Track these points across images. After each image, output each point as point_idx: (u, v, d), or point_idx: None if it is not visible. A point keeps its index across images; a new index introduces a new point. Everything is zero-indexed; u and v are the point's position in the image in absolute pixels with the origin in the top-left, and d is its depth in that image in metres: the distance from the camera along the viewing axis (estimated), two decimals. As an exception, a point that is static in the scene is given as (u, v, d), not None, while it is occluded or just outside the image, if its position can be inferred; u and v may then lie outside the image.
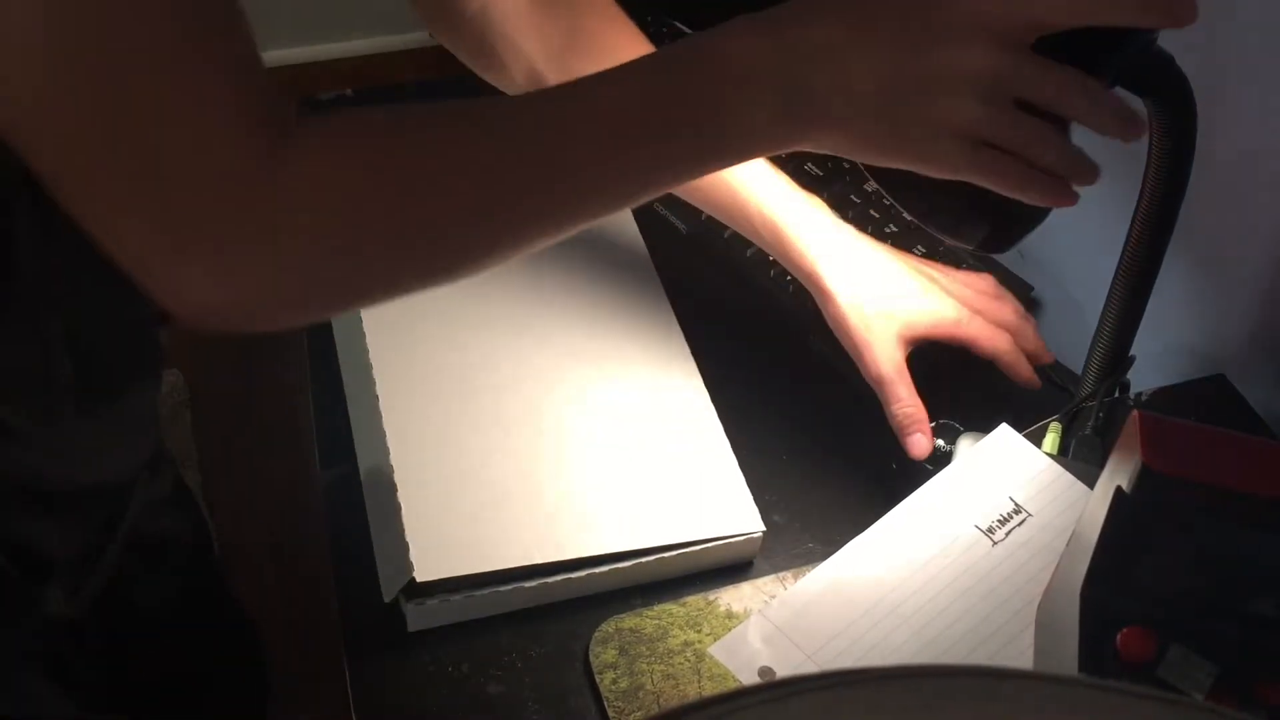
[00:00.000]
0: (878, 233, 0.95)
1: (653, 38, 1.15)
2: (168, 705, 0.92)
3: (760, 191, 0.82)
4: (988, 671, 0.33)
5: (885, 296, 0.81)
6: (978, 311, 0.83)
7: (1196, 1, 0.54)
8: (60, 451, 0.67)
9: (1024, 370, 0.83)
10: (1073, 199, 0.59)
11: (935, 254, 0.95)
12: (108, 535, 0.73)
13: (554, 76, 0.78)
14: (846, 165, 1.00)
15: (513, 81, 0.81)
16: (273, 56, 2.46)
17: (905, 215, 0.66)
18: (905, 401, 0.79)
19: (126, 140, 0.47)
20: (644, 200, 0.60)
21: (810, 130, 0.56)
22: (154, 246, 0.48)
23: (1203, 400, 0.84)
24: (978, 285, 0.86)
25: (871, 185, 0.99)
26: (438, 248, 0.54)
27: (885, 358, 0.80)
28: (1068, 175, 0.58)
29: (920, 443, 0.79)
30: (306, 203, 0.49)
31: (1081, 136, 0.59)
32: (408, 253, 0.53)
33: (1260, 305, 0.84)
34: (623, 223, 0.95)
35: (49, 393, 0.65)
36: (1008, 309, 0.85)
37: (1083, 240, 0.92)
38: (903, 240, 0.95)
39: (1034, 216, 0.63)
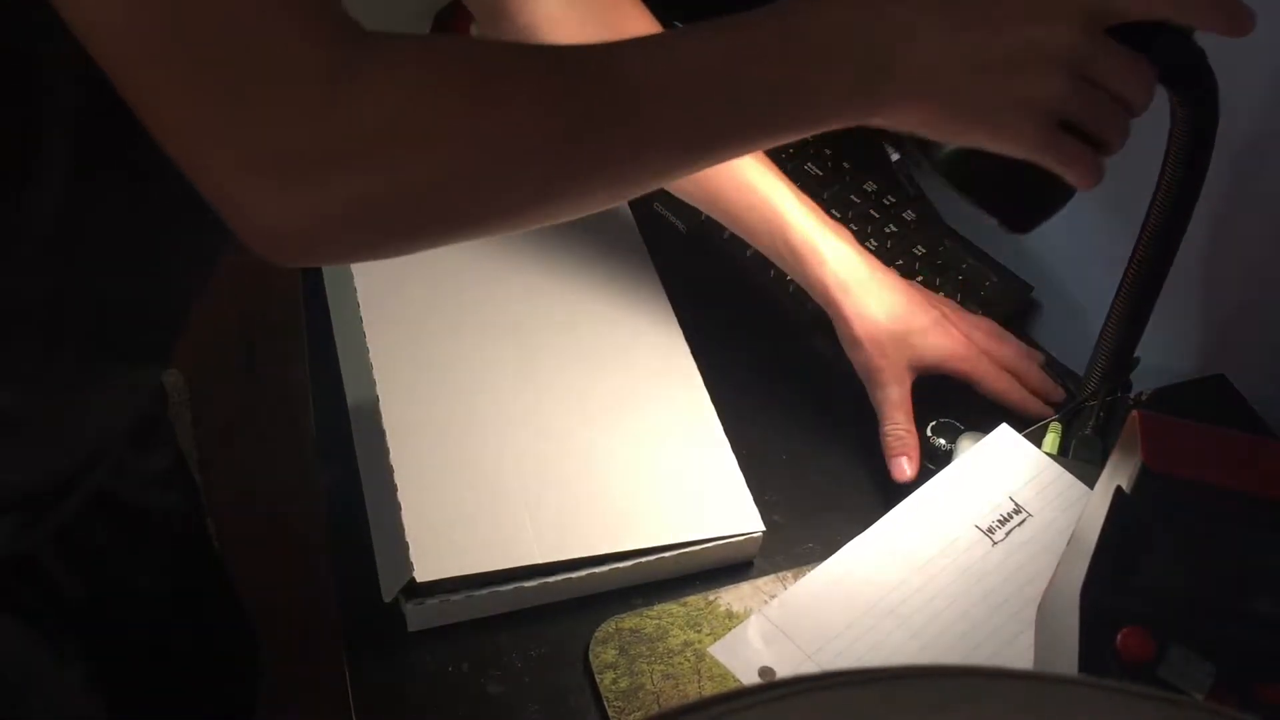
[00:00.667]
0: (878, 232, 0.95)
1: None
2: (156, 682, 0.93)
3: (783, 214, 0.83)
4: (988, 672, 0.33)
5: (901, 327, 0.82)
6: (985, 351, 0.85)
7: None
8: (44, 391, 0.67)
9: (1032, 407, 0.85)
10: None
11: (935, 254, 0.95)
12: (66, 485, 0.73)
13: None
14: (846, 165, 1.01)
15: None
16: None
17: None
18: (900, 425, 0.81)
19: (195, 48, 0.46)
20: (706, 166, 0.59)
21: (887, 104, 0.56)
22: (220, 159, 0.47)
23: (1203, 400, 0.84)
24: (981, 326, 0.87)
25: (871, 185, 0.99)
26: (498, 192, 0.52)
27: (893, 383, 0.82)
28: (1109, 153, 0.59)
29: (903, 467, 0.81)
30: (374, 119, 0.47)
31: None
32: (465, 189, 0.51)
33: (1260, 305, 0.84)
34: (623, 223, 0.95)
35: (52, 337, 0.65)
36: (1010, 349, 0.87)
37: (1083, 240, 0.92)
38: (903, 239, 0.95)
39: (1061, 201, 0.63)
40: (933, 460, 0.81)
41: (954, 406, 0.84)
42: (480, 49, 0.53)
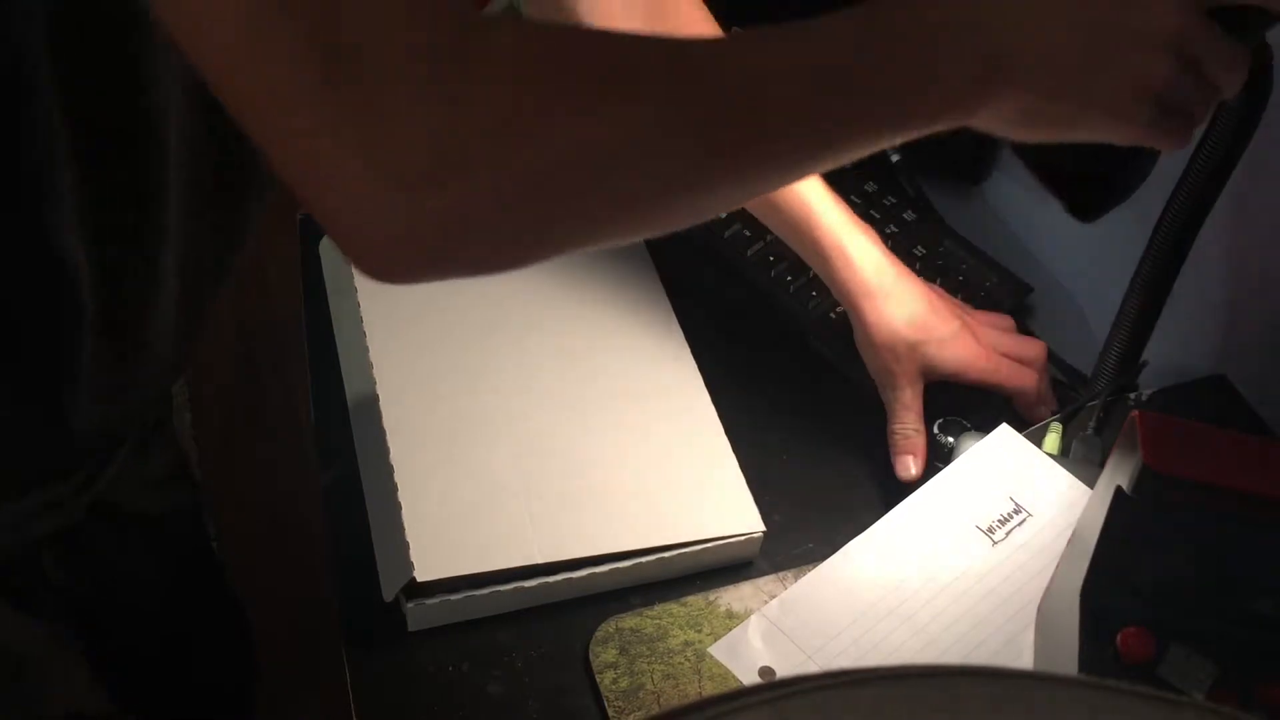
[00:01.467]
0: (879, 233, 0.95)
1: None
2: (156, 683, 0.93)
3: (814, 211, 0.83)
4: (988, 672, 0.33)
5: (920, 336, 0.82)
6: (1006, 351, 0.85)
7: None
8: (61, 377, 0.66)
9: (1039, 415, 0.85)
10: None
11: (935, 254, 0.95)
12: (79, 483, 0.73)
13: None
14: (846, 165, 1.00)
15: None
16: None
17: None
18: (909, 425, 0.81)
19: (304, 18, 0.42)
20: (819, 168, 0.57)
21: (997, 98, 0.55)
22: (330, 160, 0.43)
23: (1203, 400, 0.84)
24: (1001, 324, 0.88)
25: (871, 185, 0.99)
26: (626, 189, 0.48)
27: (905, 386, 0.82)
28: (1196, 126, 0.60)
29: (908, 465, 0.81)
30: (494, 110, 0.44)
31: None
32: (589, 184, 0.47)
33: (1261, 305, 0.84)
34: (623, 223, 0.95)
35: (65, 322, 0.64)
36: (1035, 347, 0.87)
37: (1082, 241, 0.92)
38: (903, 239, 0.95)
39: (1131, 189, 0.64)
40: (938, 457, 0.81)
41: (961, 405, 0.84)
42: (600, 38, 0.52)
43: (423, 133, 0.43)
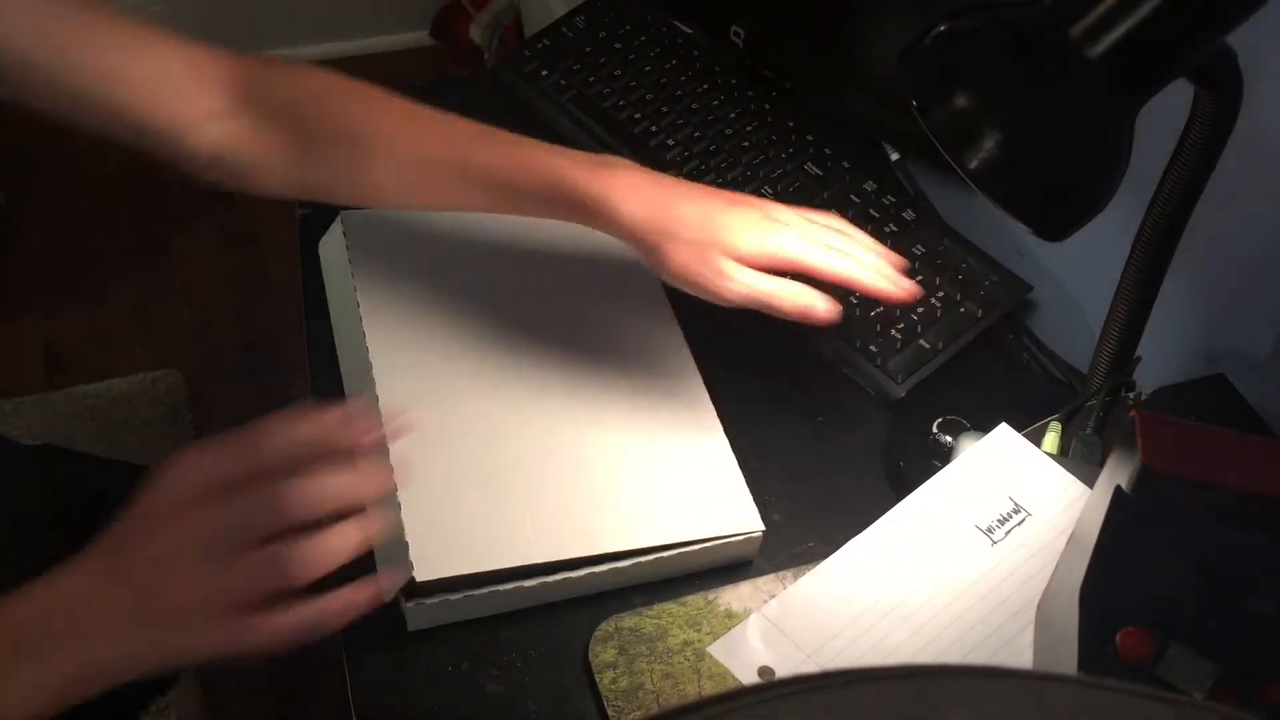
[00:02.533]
0: (878, 232, 0.95)
1: (653, 37, 1.15)
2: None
3: (559, 175, 0.76)
4: (987, 671, 0.33)
5: (714, 234, 0.75)
6: (822, 241, 0.77)
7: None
8: None
9: (889, 291, 0.77)
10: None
11: (935, 253, 0.95)
12: None
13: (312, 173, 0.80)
14: (846, 165, 1.01)
15: (280, 190, 0.82)
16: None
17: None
18: (788, 299, 0.74)
19: None
20: None
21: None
22: None
23: (1203, 400, 0.84)
24: (824, 221, 0.80)
25: (871, 185, 0.99)
26: None
27: (743, 279, 0.74)
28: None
29: (827, 313, 0.75)
30: None
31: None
32: None
33: (1260, 305, 0.84)
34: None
35: None
36: (856, 243, 0.79)
37: (1082, 240, 0.91)
38: (903, 239, 0.95)
39: (1092, 210, 0.64)
40: (938, 457, 0.81)
41: (961, 405, 0.84)
42: None
43: None
